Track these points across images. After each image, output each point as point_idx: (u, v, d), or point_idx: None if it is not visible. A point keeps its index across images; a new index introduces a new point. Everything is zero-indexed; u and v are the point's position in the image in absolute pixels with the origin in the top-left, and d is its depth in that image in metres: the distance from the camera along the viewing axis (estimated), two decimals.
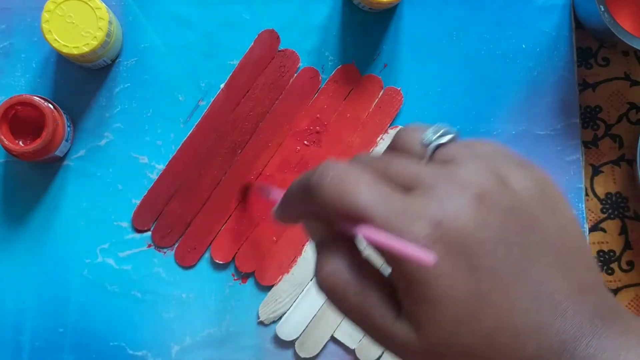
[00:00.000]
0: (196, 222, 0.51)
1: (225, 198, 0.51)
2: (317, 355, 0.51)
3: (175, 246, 0.51)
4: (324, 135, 0.52)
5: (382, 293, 0.27)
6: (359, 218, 0.26)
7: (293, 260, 0.51)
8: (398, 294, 0.27)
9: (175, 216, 0.51)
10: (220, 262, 0.51)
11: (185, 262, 0.51)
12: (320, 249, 0.28)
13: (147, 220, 0.51)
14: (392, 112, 0.52)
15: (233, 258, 0.51)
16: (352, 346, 0.51)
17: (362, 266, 0.28)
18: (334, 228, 0.28)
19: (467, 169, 0.26)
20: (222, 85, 0.52)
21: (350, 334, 0.51)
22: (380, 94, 0.52)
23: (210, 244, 0.51)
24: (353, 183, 0.26)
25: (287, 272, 0.51)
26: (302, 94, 0.52)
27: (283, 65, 0.52)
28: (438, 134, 0.28)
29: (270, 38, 0.52)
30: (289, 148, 0.52)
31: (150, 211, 0.51)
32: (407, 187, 0.26)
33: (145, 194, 0.51)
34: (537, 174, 0.28)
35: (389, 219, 0.25)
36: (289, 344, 0.51)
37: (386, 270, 0.28)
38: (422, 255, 0.23)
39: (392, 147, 0.30)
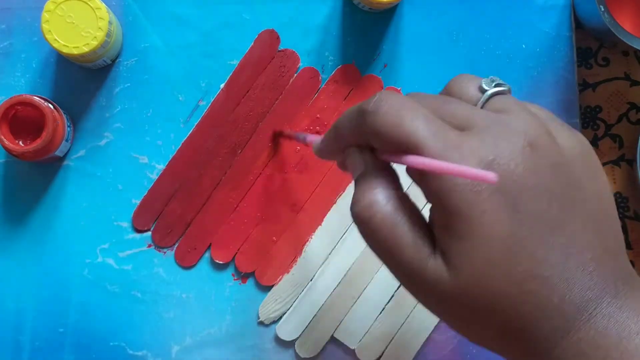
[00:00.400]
0: (196, 222, 0.51)
1: (225, 198, 0.51)
2: (317, 355, 0.51)
3: (175, 246, 0.51)
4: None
5: (418, 228, 0.28)
6: (413, 147, 0.26)
7: (293, 260, 0.51)
8: (436, 231, 0.27)
9: (175, 216, 0.51)
10: (220, 262, 0.51)
11: (185, 262, 0.51)
12: (360, 181, 0.29)
13: (147, 220, 0.51)
14: None
15: (233, 258, 0.51)
16: (352, 346, 0.51)
17: (402, 200, 0.28)
18: (380, 159, 0.29)
19: (520, 119, 0.27)
20: (222, 86, 0.52)
21: (350, 334, 0.51)
22: None
23: (210, 244, 0.51)
24: (410, 114, 0.27)
25: (287, 272, 0.51)
26: (302, 94, 0.52)
27: (283, 65, 0.52)
28: (494, 84, 0.29)
29: (270, 38, 0.52)
30: (289, 148, 0.52)
31: (150, 211, 0.51)
32: (461, 127, 0.27)
33: (145, 194, 0.51)
34: (582, 139, 0.29)
35: (443, 152, 0.26)
36: (289, 344, 0.51)
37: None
38: (484, 174, 0.24)
39: (446, 93, 0.31)
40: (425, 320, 0.51)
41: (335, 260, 0.51)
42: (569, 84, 0.53)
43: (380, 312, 0.51)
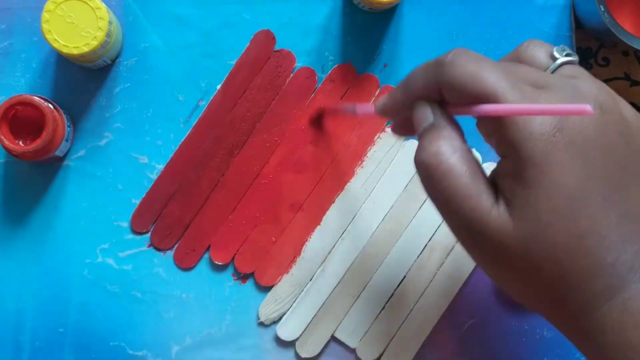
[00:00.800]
0: (195, 223, 0.51)
1: (223, 199, 0.51)
2: (318, 355, 0.51)
3: (174, 248, 0.51)
4: (321, 134, 0.52)
5: (482, 180, 0.29)
6: (492, 97, 0.27)
7: (292, 261, 0.51)
8: (502, 181, 0.28)
9: (173, 218, 0.51)
10: (220, 264, 0.51)
11: (185, 264, 0.51)
12: (428, 132, 0.30)
13: (146, 222, 0.51)
14: None
15: (232, 259, 0.51)
16: (352, 345, 0.51)
17: (467, 152, 0.29)
18: (449, 112, 0.30)
19: (590, 85, 0.29)
20: (218, 87, 0.52)
21: (350, 333, 0.51)
22: (377, 92, 0.52)
23: (210, 245, 0.51)
24: (487, 66, 0.28)
25: (287, 272, 0.51)
26: (298, 93, 0.52)
27: (279, 66, 0.52)
28: (565, 52, 0.31)
29: (266, 38, 0.52)
30: (287, 148, 0.52)
31: (149, 213, 0.51)
32: (535, 86, 0.28)
33: (144, 196, 0.51)
34: None
35: (521, 102, 0.27)
36: (290, 344, 0.51)
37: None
38: (581, 106, 0.24)
39: (515, 58, 0.32)
40: (425, 319, 0.51)
41: (335, 259, 0.51)
42: None
43: (381, 311, 0.51)
